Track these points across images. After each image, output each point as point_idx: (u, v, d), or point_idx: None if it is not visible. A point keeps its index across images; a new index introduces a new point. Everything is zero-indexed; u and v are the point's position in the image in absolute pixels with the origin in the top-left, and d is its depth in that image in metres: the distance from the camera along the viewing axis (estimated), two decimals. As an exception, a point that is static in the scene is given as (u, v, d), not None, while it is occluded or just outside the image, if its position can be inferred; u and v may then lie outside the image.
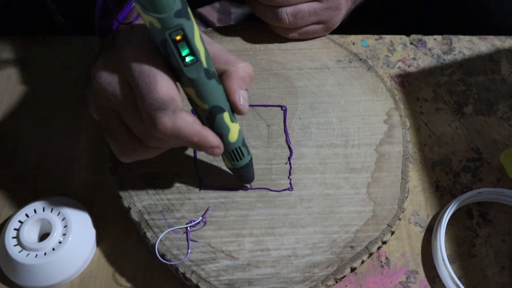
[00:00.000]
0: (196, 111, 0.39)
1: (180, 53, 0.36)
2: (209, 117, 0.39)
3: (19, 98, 0.54)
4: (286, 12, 0.50)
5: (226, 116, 0.39)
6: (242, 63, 0.39)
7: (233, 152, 0.41)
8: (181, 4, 0.34)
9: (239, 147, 0.41)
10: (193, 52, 0.36)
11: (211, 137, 0.38)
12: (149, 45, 0.37)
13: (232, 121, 0.40)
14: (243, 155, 0.42)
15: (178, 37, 0.35)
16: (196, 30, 0.36)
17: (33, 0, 0.59)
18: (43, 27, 0.60)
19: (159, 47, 0.36)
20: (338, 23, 0.54)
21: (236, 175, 0.44)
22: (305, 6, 0.50)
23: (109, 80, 0.38)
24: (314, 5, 0.50)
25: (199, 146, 0.38)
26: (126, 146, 0.39)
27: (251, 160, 0.43)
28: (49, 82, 0.55)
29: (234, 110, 0.39)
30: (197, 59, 0.36)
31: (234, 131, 0.40)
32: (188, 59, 0.36)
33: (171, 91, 0.36)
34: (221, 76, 0.39)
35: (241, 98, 0.39)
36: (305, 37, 0.54)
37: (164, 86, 0.36)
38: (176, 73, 0.37)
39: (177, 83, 0.38)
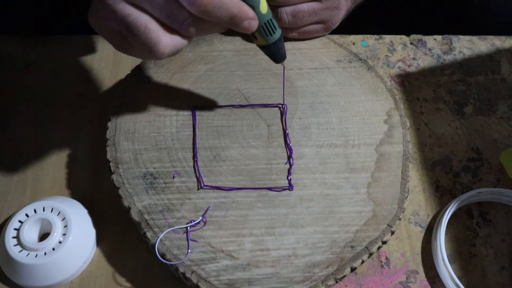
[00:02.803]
0: None
1: None
2: None
3: (19, 98, 0.54)
4: (286, 11, 0.50)
5: None
6: None
7: (266, 26, 0.41)
8: None
9: (271, 19, 0.41)
10: None
11: (247, 8, 0.38)
12: None
13: None
14: (276, 28, 0.42)
15: None
16: None
17: (34, 0, 0.59)
18: (43, 27, 0.60)
19: None
20: (338, 23, 0.54)
21: (269, 53, 0.44)
22: (304, 6, 0.50)
23: None
24: (314, 5, 0.50)
25: (237, 18, 0.38)
26: (161, 38, 0.38)
27: (282, 34, 0.43)
28: (49, 82, 0.55)
29: None
30: None
31: (263, 1, 0.40)
32: None
33: None
34: None
35: None
36: (305, 37, 0.54)
37: None
38: None
39: None
